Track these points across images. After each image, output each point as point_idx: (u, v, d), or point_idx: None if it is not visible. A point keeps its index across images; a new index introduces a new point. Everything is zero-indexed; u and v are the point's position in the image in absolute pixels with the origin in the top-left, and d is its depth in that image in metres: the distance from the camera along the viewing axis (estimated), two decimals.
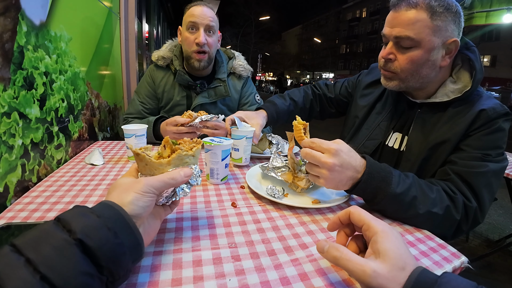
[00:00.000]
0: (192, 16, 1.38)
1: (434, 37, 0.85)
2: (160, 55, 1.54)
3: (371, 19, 41.08)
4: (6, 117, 0.83)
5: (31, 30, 0.97)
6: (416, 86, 0.95)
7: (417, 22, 0.84)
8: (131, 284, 0.49)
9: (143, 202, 0.48)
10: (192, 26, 1.39)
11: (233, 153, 1.09)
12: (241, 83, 1.63)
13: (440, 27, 0.85)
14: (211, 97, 1.52)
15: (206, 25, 1.39)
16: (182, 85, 1.51)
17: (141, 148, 0.57)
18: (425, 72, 0.90)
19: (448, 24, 0.85)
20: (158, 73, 1.55)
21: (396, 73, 0.93)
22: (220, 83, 1.53)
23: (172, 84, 1.53)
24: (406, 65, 0.90)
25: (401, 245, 0.48)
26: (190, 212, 0.75)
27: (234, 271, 0.54)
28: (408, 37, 0.86)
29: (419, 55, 0.87)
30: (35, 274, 0.34)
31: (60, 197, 0.82)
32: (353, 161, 0.72)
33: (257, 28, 39.59)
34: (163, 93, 1.54)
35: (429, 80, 0.93)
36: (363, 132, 1.13)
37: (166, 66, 1.55)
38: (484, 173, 0.81)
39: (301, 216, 0.76)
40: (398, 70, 0.92)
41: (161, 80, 1.54)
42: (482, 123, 0.85)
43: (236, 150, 1.08)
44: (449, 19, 0.85)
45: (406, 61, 0.89)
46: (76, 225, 0.39)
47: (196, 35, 1.39)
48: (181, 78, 1.47)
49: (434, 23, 0.84)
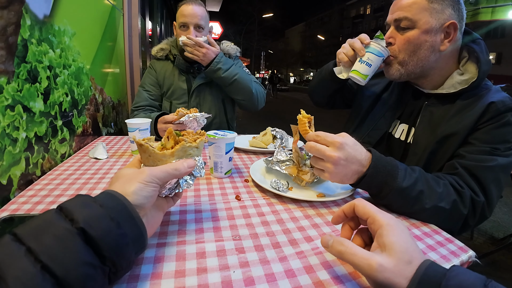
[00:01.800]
0: (183, 16, 1.52)
1: (431, 18, 0.87)
2: (159, 48, 1.68)
3: (375, 16, 40.68)
4: (10, 110, 0.83)
5: (35, 24, 0.97)
6: (417, 72, 0.94)
7: (414, 4, 0.88)
8: (134, 275, 0.48)
9: (146, 192, 0.48)
10: (183, 25, 1.53)
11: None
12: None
13: (437, 10, 0.87)
14: (208, 77, 1.62)
15: (195, 24, 1.53)
16: (181, 69, 1.64)
17: (144, 139, 0.57)
18: (423, 54, 0.91)
19: (445, 8, 0.87)
20: (158, 64, 1.68)
21: (395, 57, 0.95)
22: None
23: (172, 71, 1.66)
24: (404, 46, 0.92)
25: (407, 238, 0.47)
26: (194, 205, 0.75)
27: (239, 263, 0.53)
28: (405, 17, 0.89)
29: (416, 34, 0.89)
30: (36, 263, 0.33)
31: (64, 190, 0.82)
32: (358, 154, 0.71)
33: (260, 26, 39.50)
34: (164, 79, 1.66)
35: (430, 65, 0.93)
36: (368, 122, 1.12)
37: (165, 57, 1.68)
38: (492, 168, 0.79)
39: (305, 210, 0.76)
40: (396, 52, 0.94)
41: (161, 68, 1.67)
42: (491, 116, 0.84)
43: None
44: (446, 3, 0.87)
45: (403, 41, 0.92)
46: (78, 215, 0.38)
47: (187, 33, 1.52)
48: (179, 62, 1.61)
49: (431, 5, 0.87)
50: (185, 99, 1.62)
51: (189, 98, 1.62)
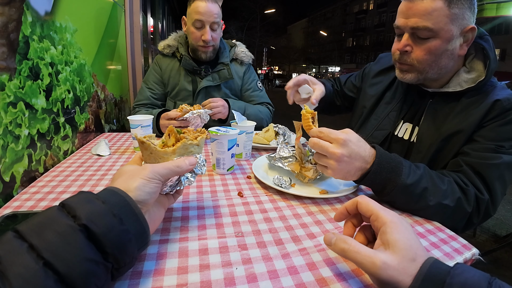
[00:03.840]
0: (198, 13, 1.41)
1: (452, 25, 0.82)
2: (166, 44, 1.60)
3: (379, 12, 40.38)
4: (12, 107, 0.83)
5: (36, 21, 0.97)
6: (434, 77, 0.92)
7: (434, 11, 0.80)
8: (136, 271, 0.49)
9: (149, 188, 0.48)
10: (198, 23, 1.43)
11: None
12: (243, 69, 1.69)
13: (457, 15, 0.81)
14: (215, 80, 1.57)
15: (211, 23, 1.44)
16: (187, 70, 1.57)
17: (145, 137, 0.57)
18: (443, 63, 0.87)
19: (465, 12, 0.82)
20: (164, 61, 1.61)
21: (412, 65, 0.90)
22: (224, 66, 1.59)
23: (178, 70, 1.59)
24: (424, 56, 0.86)
25: (411, 235, 0.46)
26: (196, 202, 0.75)
27: (241, 260, 0.53)
28: (426, 27, 0.82)
29: (438, 45, 0.84)
30: (38, 260, 0.33)
31: (67, 186, 0.82)
32: (362, 151, 0.71)
33: (262, 22, 39.26)
34: (169, 78, 1.60)
35: (447, 70, 0.90)
36: (371, 122, 1.11)
37: (172, 54, 1.61)
38: (497, 165, 0.79)
39: (308, 206, 0.75)
40: (415, 62, 0.89)
41: (167, 66, 1.60)
42: (497, 114, 0.83)
43: (236, 146, 1.07)
44: (466, 6, 0.81)
45: (424, 52, 0.86)
46: (81, 211, 0.38)
47: (203, 32, 1.44)
48: (186, 62, 1.53)
49: (451, 11, 0.80)
50: (190, 101, 1.57)
51: (193, 99, 1.57)
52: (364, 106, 1.17)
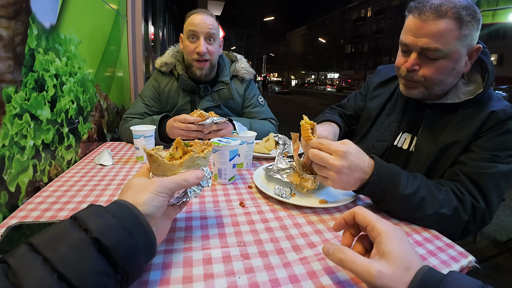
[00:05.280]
0: (192, 25, 1.38)
1: (461, 46, 0.83)
2: (163, 62, 1.55)
3: (377, 18, 40.71)
4: (18, 118, 0.85)
5: (42, 33, 0.99)
6: (439, 94, 0.93)
7: (445, 33, 0.80)
8: (143, 281, 0.50)
9: (157, 202, 0.49)
10: (193, 35, 1.39)
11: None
12: (243, 86, 1.63)
13: (466, 36, 0.82)
14: (215, 100, 1.53)
15: (206, 34, 1.39)
16: (186, 90, 1.52)
17: (153, 149, 0.58)
18: (449, 80, 0.89)
19: (473, 32, 0.83)
20: (163, 79, 1.56)
21: (419, 82, 0.90)
22: (224, 85, 1.53)
23: (176, 90, 1.54)
24: (432, 75, 0.87)
25: (406, 245, 0.48)
26: (199, 212, 0.76)
27: (244, 269, 0.55)
28: (436, 49, 0.82)
29: (446, 65, 0.85)
30: (53, 273, 0.35)
31: (71, 196, 0.84)
32: (361, 162, 0.73)
33: (262, 29, 39.60)
34: (168, 98, 1.55)
35: (452, 86, 0.92)
36: (372, 133, 1.13)
37: (169, 72, 1.56)
38: (493, 174, 0.81)
39: (308, 216, 0.77)
40: (422, 79, 0.89)
41: (165, 85, 1.55)
42: (493, 125, 0.85)
43: (237, 156, 1.09)
44: (475, 27, 0.83)
45: (432, 71, 0.86)
46: (92, 225, 0.40)
47: (197, 44, 1.39)
48: (184, 83, 1.48)
49: (462, 32, 0.81)
50: None
51: None
52: (367, 118, 1.18)
